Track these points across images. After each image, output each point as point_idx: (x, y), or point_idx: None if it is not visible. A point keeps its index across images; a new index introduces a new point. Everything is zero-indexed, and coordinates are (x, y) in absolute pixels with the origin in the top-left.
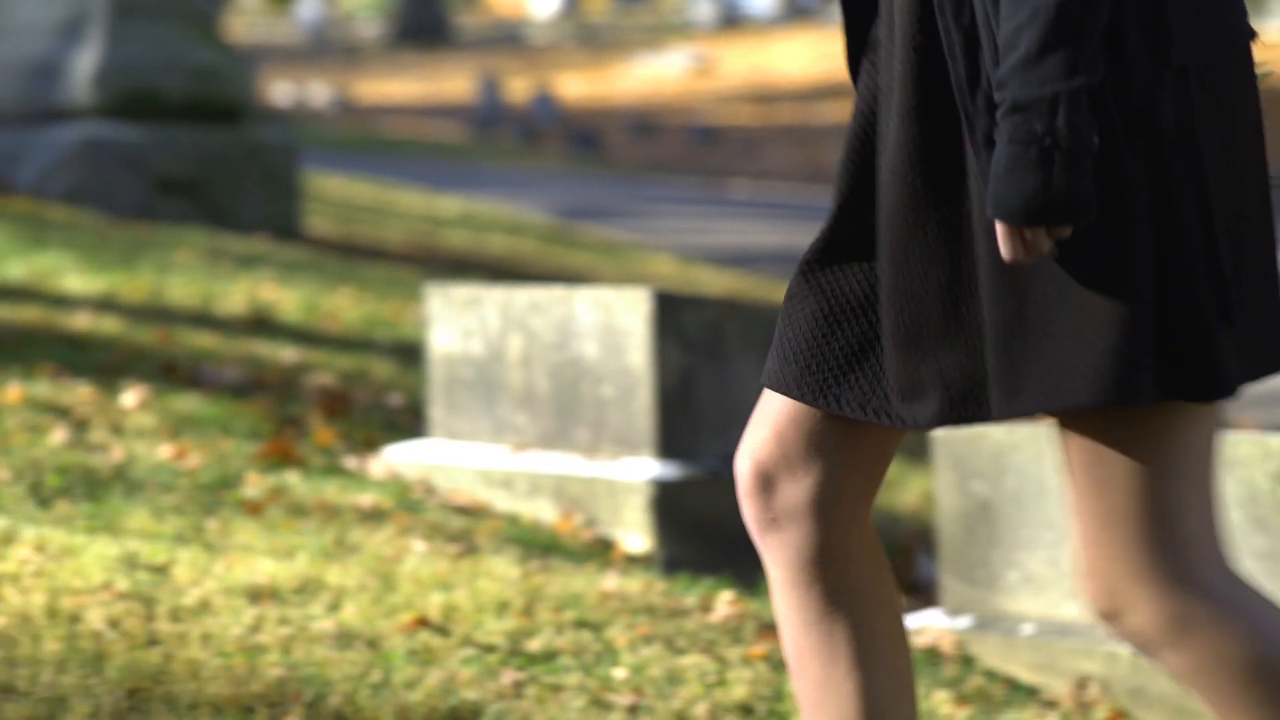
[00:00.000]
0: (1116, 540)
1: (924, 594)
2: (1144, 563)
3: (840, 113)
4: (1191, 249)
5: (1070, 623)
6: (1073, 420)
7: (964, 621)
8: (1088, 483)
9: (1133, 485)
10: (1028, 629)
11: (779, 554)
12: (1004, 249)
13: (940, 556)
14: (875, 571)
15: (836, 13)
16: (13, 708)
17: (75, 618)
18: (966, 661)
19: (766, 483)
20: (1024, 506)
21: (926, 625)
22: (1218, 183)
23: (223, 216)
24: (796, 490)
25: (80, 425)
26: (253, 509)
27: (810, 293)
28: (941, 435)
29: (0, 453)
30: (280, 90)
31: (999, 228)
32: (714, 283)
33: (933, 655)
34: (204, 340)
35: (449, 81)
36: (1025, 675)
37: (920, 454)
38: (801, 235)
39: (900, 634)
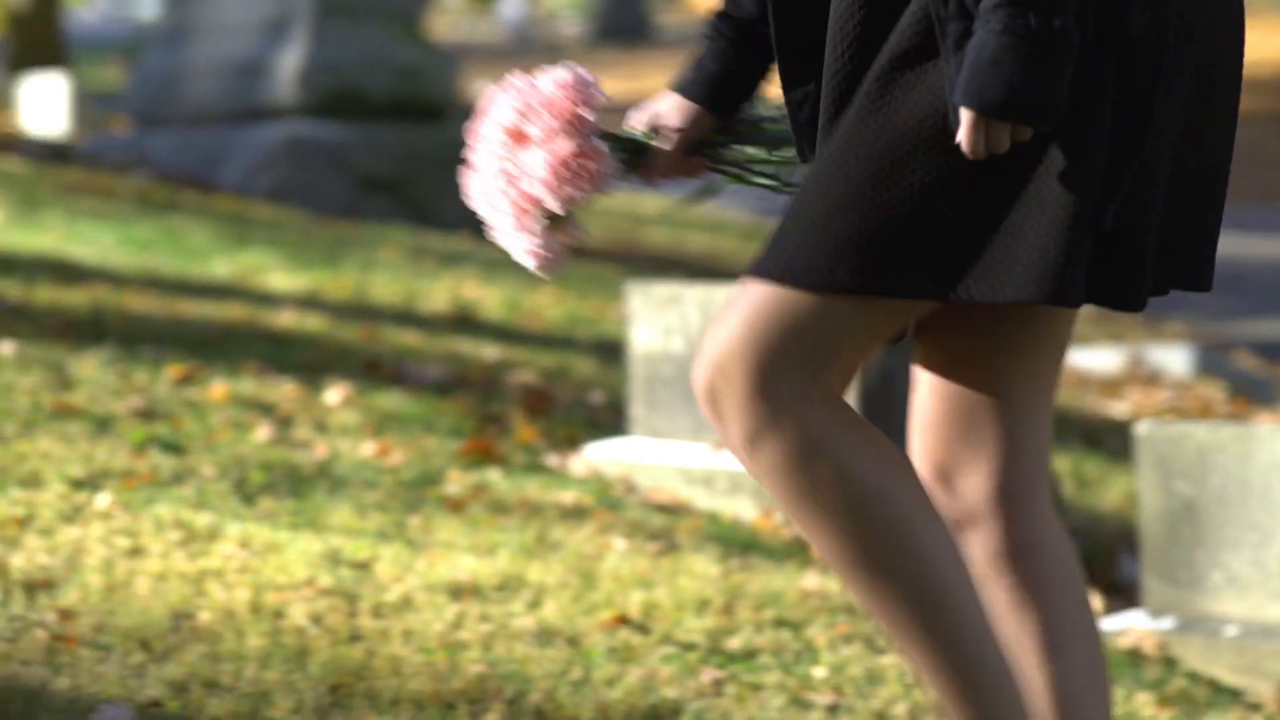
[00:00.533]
0: (759, 331)
1: (1126, 595)
2: (763, 367)
3: None
4: (1134, 164)
5: (1275, 625)
6: None
7: (1167, 623)
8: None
9: (813, 306)
10: (1231, 631)
11: (964, 551)
12: (965, 140)
13: (1143, 557)
14: (1062, 562)
15: None
16: (217, 703)
17: (279, 613)
18: (1169, 663)
19: (944, 481)
20: (1228, 506)
21: (1129, 626)
22: (1176, 96)
23: (425, 214)
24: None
25: (284, 422)
26: (454, 506)
27: None
28: (1145, 435)
29: (206, 450)
30: (482, 89)
31: (966, 117)
32: None
33: (1135, 657)
34: (407, 338)
35: (650, 79)
36: (1228, 678)
37: (1123, 454)
38: None
39: (1091, 624)
